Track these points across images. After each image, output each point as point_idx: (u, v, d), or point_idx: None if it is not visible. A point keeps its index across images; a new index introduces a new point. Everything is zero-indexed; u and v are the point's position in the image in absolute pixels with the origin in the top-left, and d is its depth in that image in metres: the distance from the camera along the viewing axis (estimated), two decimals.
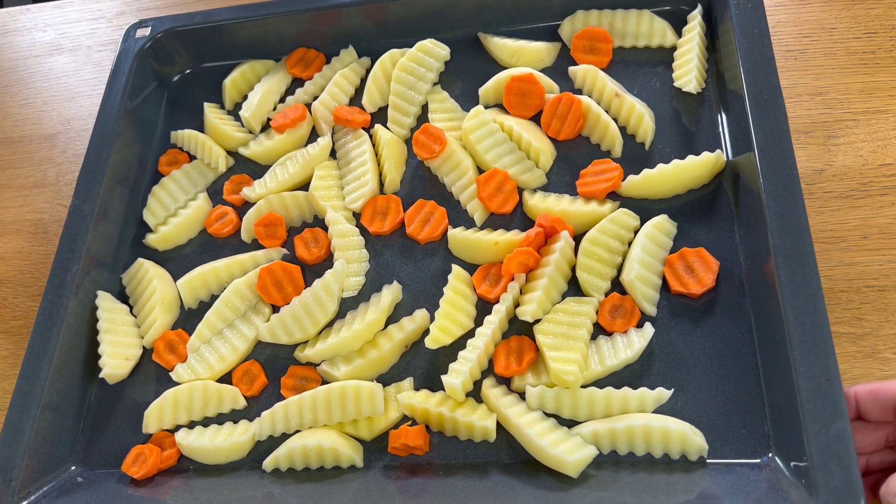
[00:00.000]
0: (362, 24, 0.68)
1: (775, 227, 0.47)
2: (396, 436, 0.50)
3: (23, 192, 0.76)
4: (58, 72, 0.84)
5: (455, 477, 0.49)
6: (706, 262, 0.52)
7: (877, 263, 0.53)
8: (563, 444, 0.47)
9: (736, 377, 0.48)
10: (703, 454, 0.46)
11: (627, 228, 0.54)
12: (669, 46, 0.62)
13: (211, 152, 0.67)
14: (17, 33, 0.89)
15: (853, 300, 0.52)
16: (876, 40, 0.62)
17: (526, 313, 0.51)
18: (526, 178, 0.58)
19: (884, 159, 0.57)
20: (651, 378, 0.50)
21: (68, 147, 0.78)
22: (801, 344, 0.44)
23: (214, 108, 0.71)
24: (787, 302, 0.45)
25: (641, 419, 0.47)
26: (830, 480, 0.40)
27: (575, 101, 0.59)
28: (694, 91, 0.58)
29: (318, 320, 0.55)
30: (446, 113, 0.64)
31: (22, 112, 0.82)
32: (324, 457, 0.51)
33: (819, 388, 0.42)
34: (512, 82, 0.61)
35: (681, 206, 0.55)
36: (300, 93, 0.68)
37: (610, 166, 0.56)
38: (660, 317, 0.52)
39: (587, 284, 0.53)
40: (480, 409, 0.51)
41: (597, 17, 0.63)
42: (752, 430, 0.47)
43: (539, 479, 0.47)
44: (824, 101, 0.60)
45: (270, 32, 0.70)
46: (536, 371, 0.51)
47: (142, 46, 0.70)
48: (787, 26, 0.64)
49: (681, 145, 0.57)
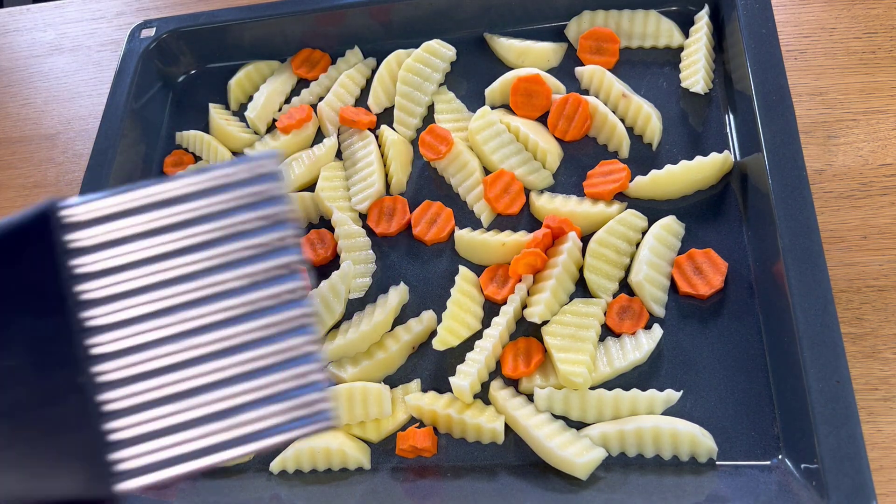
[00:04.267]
0: (368, 24, 0.68)
1: (784, 227, 0.47)
2: (404, 438, 0.50)
3: (23, 193, 0.76)
4: (58, 72, 0.84)
5: (463, 479, 0.49)
6: (715, 263, 0.52)
7: (877, 263, 0.53)
8: (572, 446, 0.47)
9: (745, 379, 0.48)
10: (712, 456, 0.46)
11: (635, 229, 0.54)
12: (676, 47, 0.62)
13: (216, 153, 0.67)
14: (17, 33, 0.89)
15: (853, 300, 0.52)
16: (876, 40, 0.62)
17: (534, 315, 0.51)
18: (533, 179, 0.58)
19: (884, 159, 0.57)
20: (660, 380, 0.50)
21: (68, 147, 0.78)
22: (811, 345, 0.44)
23: (220, 108, 0.70)
24: (796, 303, 0.45)
25: (651, 421, 0.47)
26: (842, 482, 0.40)
27: (582, 102, 0.59)
28: (701, 91, 0.58)
29: (324, 322, 0.55)
30: (452, 113, 0.63)
31: (22, 112, 0.82)
32: (331, 458, 0.51)
33: (829, 390, 0.42)
34: (518, 83, 0.61)
35: (689, 207, 0.55)
36: (305, 94, 0.68)
37: (617, 167, 0.56)
38: (668, 318, 0.52)
39: (595, 286, 0.53)
40: (488, 411, 0.50)
41: (603, 18, 0.63)
42: (761, 432, 0.47)
43: (548, 481, 0.47)
44: (824, 101, 0.60)
45: (276, 33, 0.69)
46: (544, 373, 0.51)
47: (146, 47, 0.70)
48: (787, 26, 0.64)
49: (688, 146, 0.57)
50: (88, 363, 0.24)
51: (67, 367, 0.23)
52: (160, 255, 0.24)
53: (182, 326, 0.24)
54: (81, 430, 0.23)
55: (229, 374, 0.24)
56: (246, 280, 0.24)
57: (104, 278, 0.24)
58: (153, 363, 0.24)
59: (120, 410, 0.24)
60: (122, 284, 0.24)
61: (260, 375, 0.24)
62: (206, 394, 0.24)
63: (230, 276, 0.24)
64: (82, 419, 0.23)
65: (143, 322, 0.24)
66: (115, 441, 0.24)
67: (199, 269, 0.24)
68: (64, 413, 0.23)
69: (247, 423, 0.24)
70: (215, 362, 0.24)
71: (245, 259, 0.24)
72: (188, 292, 0.24)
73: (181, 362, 0.24)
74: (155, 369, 0.24)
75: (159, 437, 0.24)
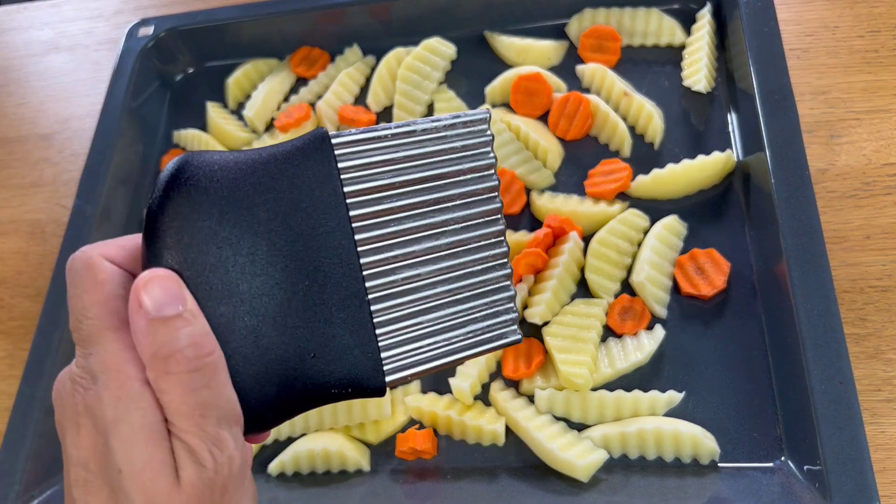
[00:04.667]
0: (367, 22, 0.67)
1: (787, 227, 0.47)
2: (404, 439, 0.50)
3: (19, 192, 0.75)
4: (55, 71, 0.83)
5: (463, 481, 0.48)
6: (717, 263, 0.51)
7: (880, 263, 0.53)
8: (573, 447, 0.46)
9: (747, 380, 0.48)
10: (714, 458, 0.46)
11: (637, 229, 0.54)
12: (678, 45, 0.61)
13: None
14: (14, 32, 0.88)
15: (856, 300, 0.52)
16: (879, 39, 0.62)
17: (534, 315, 0.51)
18: (534, 179, 0.58)
19: (887, 158, 0.57)
20: (662, 381, 0.49)
21: (65, 147, 0.77)
22: (813, 346, 0.43)
23: (218, 107, 0.70)
24: (799, 304, 0.45)
25: (652, 422, 0.47)
26: (845, 484, 0.40)
27: (583, 101, 0.58)
28: (704, 90, 0.58)
29: None
30: (453, 112, 0.63)
31: (18, 111, 0.81)
32: (330, 461, 0.50)
33: (832, 391, 0.42)
34: (519, 81, 0.60)
35: (691, 207, 0.55)
36: (304, 92, 0.68)
37: (619, 166, 0.56)
38: (670, 319, 0.51)
39: (596, 286, 0.52)
40: (489, 413, 0.50)
41: (604, 16, 0.63)
42: (764, 434, 0.46)
43: (548, 483, 0.47)
44: (827, 101, 0.60)
45: (274, 31, 0.69)
46: (545, 374, 0.50)
47: (144, 46, 0.69)
48: (789, 24, 0.64)
49: (690, 145, 0.57)
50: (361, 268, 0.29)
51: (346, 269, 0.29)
52: (407, 183, 0.30)
53: (423, 255, 0.30)
54: (365, 334, 0.29)
55: (454, 298, 0.31)
56: (462, 223, 0.31)
57: (366, 203, 0.29)
58: (404, 285, 0.30)
59: (384, 320, 0.29)
60: (379, 214, 0.30)
61: (473, 299, 0.31)
62: (439, 310, 0.30)
63: (451, 218, 0.30)
64: (363, 325, 0.29)
65: (395, 249, 0.30)
66: (384, 344, 0.29)
67: (429, 210, 0.30)
68: (350, 317, 0.29)
69: (465, 336, 0.31)
70: (445, 287, 0.30)
71: (462, 206, 0.31)
72: (424, 228, 0.30)
73: (422, 285, 0.30)
74: (405, 290, 0.30)
75: (412, 343, 0.30)
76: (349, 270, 0.29)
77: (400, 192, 0.29)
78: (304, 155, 0.28)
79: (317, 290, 0.28)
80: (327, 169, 0.28)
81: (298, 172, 0.28)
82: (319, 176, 0.28)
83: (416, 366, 0.30)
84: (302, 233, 0.28)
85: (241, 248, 0.27)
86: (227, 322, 0.27)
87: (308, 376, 0.28)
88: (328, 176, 0.28)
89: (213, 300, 0.27)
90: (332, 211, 0.28)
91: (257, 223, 0.27)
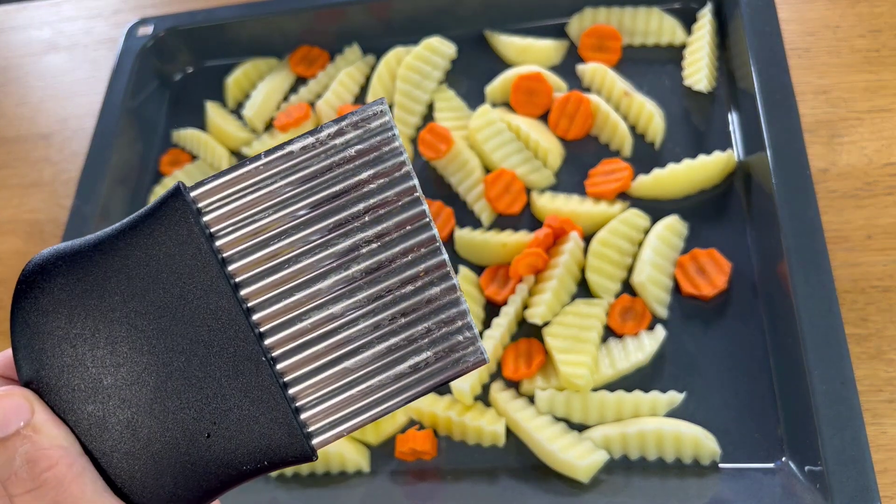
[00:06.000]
0: (367, 21, 0.67)
1: (788, 227, 0.47)
2: (404, 440, 0.50)
3: (18, 192, 0.75)
4: (54, 70, 0.83)
5: (463, 482, 0.48)
6: (718, 263, 0.51)
7: (881, 264, 0.53)
8: (573, 448, 0.46)
9: (748, 380, 0.48)
10: (715, 458, 0.46)
11: (638, 229, 0.54)
12: (679, 44, 0.61)
13: (213, 152, 0.66)
14: (13, 31, 0.88)
15: (857, 301, 0.52)
16: (881, 38, 0.62)
17: (535, 315, 0.51)
18: (534, 179, 0.57)
19: (889, 158, 0.56)
20: (662, 381, 0.49)
21: (64, 146, 0.77)
22: (814, 347, 0.43)
23: (217, 107, 0.70)
24: (800, 304, 0.45)
25: (653, 423, 0.46)
26: (846, 485, 0.40)
27: (583, 100, 0.58)
28: (704, 90, 0.57)
29: None
30: (453, 112, 0.63)
31: (17, 111, 0.81)
32: (329, 462, 0.50)
33: (834, 392, 0.42)
34: (519, 81, 0.60)
35: (692, 207, 0.55)
36: (304, 91, 0.67)
37: (619, 166, 0.56)
38: (671, 319, 0.51)
39: (597, 286, 0.52)
40: (489, 414, 0.50)
41: (605, 15, 0.63)
42: (765, 434, 0.46)
43: (549, 484, 0.47)
44: (828, 100, 0.60)
45: (273, 30, 0.69)
46: (546, 374, 0.50)
47: (144, 45, 0.69)
48: (790, 24, 0.64)
49: (691, 145, 0.57)
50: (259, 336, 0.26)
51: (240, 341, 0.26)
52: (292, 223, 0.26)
53: (332, 291, 0.26)
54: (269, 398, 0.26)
55: (383, 331, 0.26)
56: (377, 242, 0.26)
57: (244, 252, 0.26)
58: (314, 332, 0.26)
59: (296, 377, 0.26)
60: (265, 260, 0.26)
61: (410, 326, 0.26)
62: (366, 349, 0.26)
63: (361, 239, 0.26)
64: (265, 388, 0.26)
65: (294, 293, 0.26)
66: (301, 404, 0.26)
67: (330, 238, 0.26)
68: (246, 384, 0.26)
69: (407, 373, 0.26)
70: (368, 320, 0.26)
71: (373, 221, 0.26)
72: (327, 259, 0.26)
73: (338, 326, 0.26)
74: (317, 336, 0.26)
75: (337, 395, 0.26)
76: (236, 332, 0.25)
77: (287, 226, 0.26)
78: (156, 219, 0.25)
79: (198, 364, 0.25)
80: (185, 228, 0.25)
81: (152, 241, 0.25)
82: (177, 238, 0.25)
83: (348, 419, 0.26)
84: (167, 306, 0.25)
85: (98, 340, 0.25)
86: (99, 420, 0.25)
87: (208, 459, 0.26)
88: (188, 235, 0.25)
89: (77, 401, 0.25)
90: (201, 272, 0.25)
91: (111, 309, 0.25)
